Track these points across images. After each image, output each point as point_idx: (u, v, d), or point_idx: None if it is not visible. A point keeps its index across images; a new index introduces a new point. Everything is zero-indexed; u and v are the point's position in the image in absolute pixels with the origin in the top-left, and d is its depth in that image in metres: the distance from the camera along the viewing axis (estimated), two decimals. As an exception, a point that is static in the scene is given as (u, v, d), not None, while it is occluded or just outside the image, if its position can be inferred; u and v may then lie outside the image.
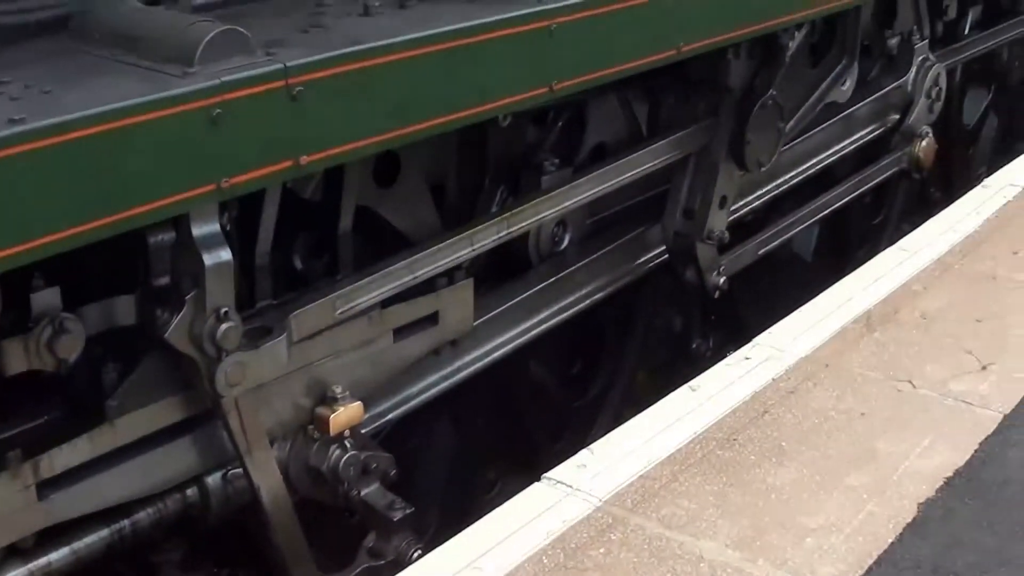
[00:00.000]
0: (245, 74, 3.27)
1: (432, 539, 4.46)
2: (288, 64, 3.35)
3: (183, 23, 3.39)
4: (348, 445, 4.09)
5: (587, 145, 5.53)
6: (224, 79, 3.22)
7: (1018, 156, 7.56)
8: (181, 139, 3.15)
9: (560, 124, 5.41)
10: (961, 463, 4.32)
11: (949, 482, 4.21)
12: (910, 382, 4.88)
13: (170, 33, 3.34)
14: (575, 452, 4.34)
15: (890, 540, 3.92)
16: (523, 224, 4.81)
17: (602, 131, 5.58)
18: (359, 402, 4.11)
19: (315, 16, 3.85)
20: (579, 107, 5.42)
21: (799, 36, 5.80)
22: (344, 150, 3.59)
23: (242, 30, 3.37)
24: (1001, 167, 7.39)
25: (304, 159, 3.46)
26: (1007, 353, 5.07)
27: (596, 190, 5.15)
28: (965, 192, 6.98)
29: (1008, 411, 4.66)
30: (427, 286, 4.45)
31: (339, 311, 4.09)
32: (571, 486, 4.07)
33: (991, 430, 4.54)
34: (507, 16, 3.97)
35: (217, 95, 3.19)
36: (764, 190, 6.38)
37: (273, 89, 3.33)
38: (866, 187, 7.27)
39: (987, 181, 7.02)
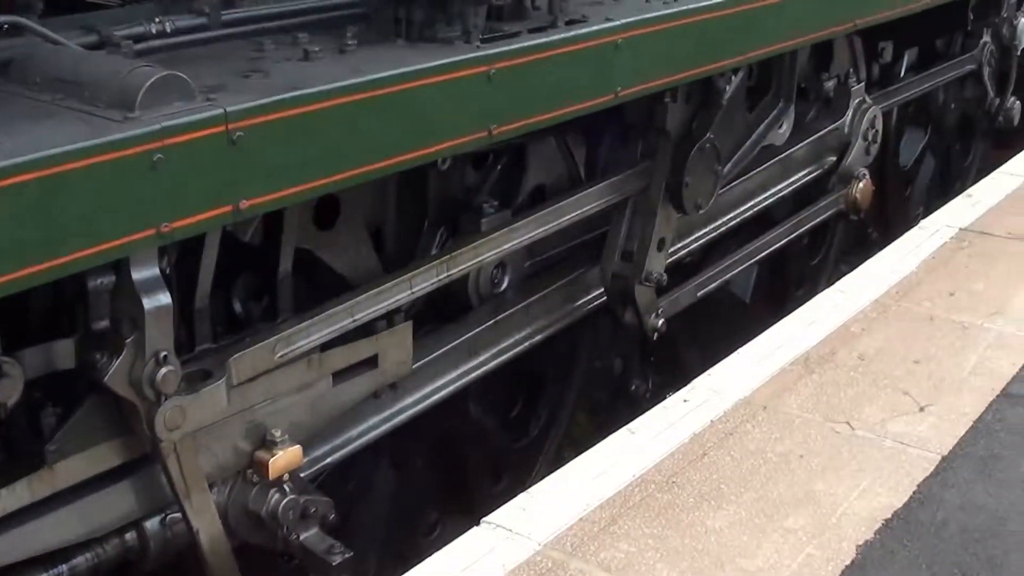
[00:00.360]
0: (185, 119, 3.27)
1: (372, 583, 4.47)
2: (228, 109, 3.36)
3: (124, 68, 3.39)
4: (287, 489, 4.07)
5: (526, 187, 5.55)
6: (164, 124, 3.22)
7: (955, 197, 7.68)
8: (121, 184, 3.15)
9: (499, 166, 5.44)
10: (899, 505, 4.36)
11: (887, 524, 4.25)
12: (848, 424, 4.92)
13: (111, 78, 3.34)
14: (516, 494, 4.36)
15: (829, 582, 3.96)
16: (462, 267, 4.82)
17: (541, 173, 5.61)
18: (298, 446, 4.10)
19: (255, 61, 3.87)
20: (518, 149, 5.44)
21: (736, 80, 5.87)
22: (284, 195, 3.60)
23: (183, 75, 3.38)
24: (938, 208, 7.50)
25: (244, 203, 3.46)
26: (944, 394, 5.12)
27: (535, 233, 5.17)
28: (903, 233, 7.07)
29: (946, 452, 4.70)
30: (366, 329, 4.45)
31: (278, 355, 4.08)
32: (511, 530, 4.09)
33: (929, 471, 4.58)
34: (446, 62, 4.00)
35: (157, 140, 3.20)
36: (702, 232, 6.43)
37: (213, 134, 3.33)
38: (804, 228, 7.34)
39: (924, 222, 7.12)
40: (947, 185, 9.94)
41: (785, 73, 6.54)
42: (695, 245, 6.41)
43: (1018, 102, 10.10)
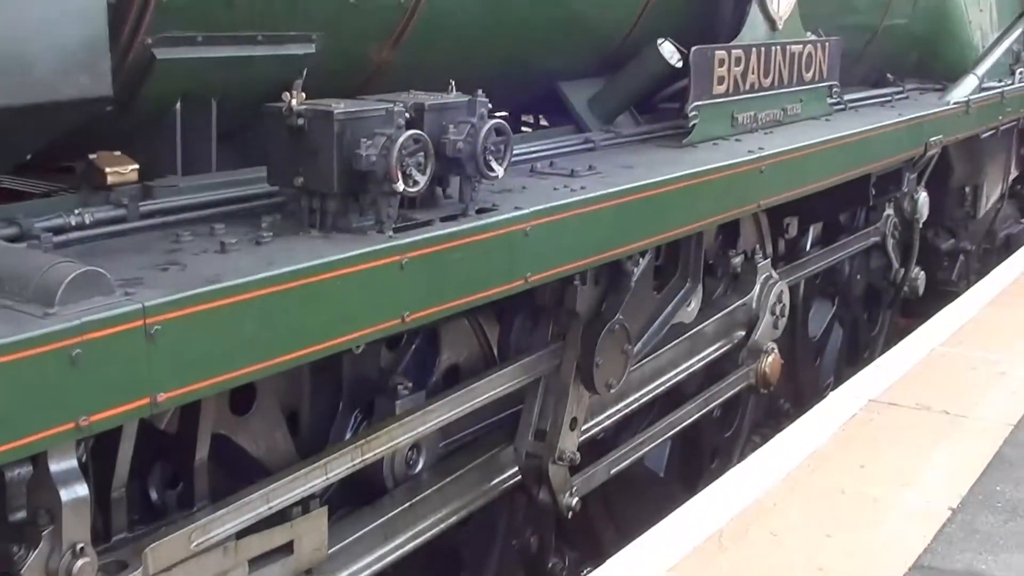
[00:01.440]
0: (104, 315, 3.32)
1: None
2: (146, 304, 3.42)
3: (44, 263, 3.43)
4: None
5: (440, 368, 5.64)
6: (83, 320, 3.27)
7: (864, 367, 7.83)
8: (40, 379, 3.18)
9: (413, 347, 5.52)
10: None
11: None
12: (762, 602, 4.96)
13: (31, 273, 3.38)
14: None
15: None
16: (377, 451, 4.86)
17: (455, 354, 5.71)
18: (214, 635, 4.10)
19: (173, 253, 3.94)
20: (432, 330, 5.54)
21: (644, 262, 6.02)
22: (201, 387, 3.64)
23: (101, 271, 3.43)
24: (848, 378, 7.63)
25: (161, 396, 3.50)
26: (858, 568, 5.17)
27: (449, 414, 5.24)
28: (814, 403, 7.19)
29: (860, 627, 4.75)
30: (282, 515, 4.47)
31: (194, 543, 4.08)
32: None
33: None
34: (360, 252, 4.09)
35: (76, 336, 3.24)
36: (614, 409, 6.51)
37: (131, 329, 3.38)
38: (715, 403, 7.45)
39: (834, 393, 7.23)
40: (856, 355, 10.15)
41: (692, 253, 6.71)
42: (608, 422, 6.49)
43: (922, 272, 10.40)
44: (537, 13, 6.09)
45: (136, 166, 4.35)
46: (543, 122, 7.55)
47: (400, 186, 4.21)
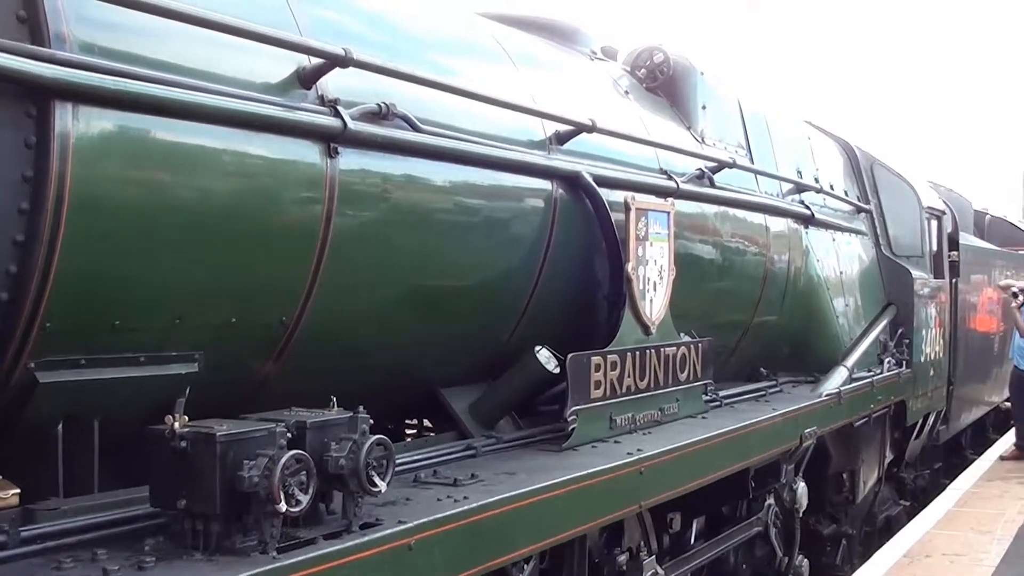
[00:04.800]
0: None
1: None
2: None
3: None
4: None
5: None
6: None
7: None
8: None
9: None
10: None
11: None
12: None
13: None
14: None
15: None
16: None
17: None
18: None
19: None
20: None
21: (528, 568, 6.04)
22: None
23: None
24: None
25: None
26: None
27: None
28: None
29: None
30: None
31: None
32: None
33: None
34: (243, 576, 4.11)
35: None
36: None
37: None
38: None
39: None
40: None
41: (576, 555, 6.73)
42: None
43: (806, 560, 10.51)
44: (417, 324, 6.25)
45: (17, 490, 4.36)
46: (427, 423, 7.64)
47: (283, 506, 4.24)
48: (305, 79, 5.34)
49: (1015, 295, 16.48)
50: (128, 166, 4.51)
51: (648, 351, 7.52)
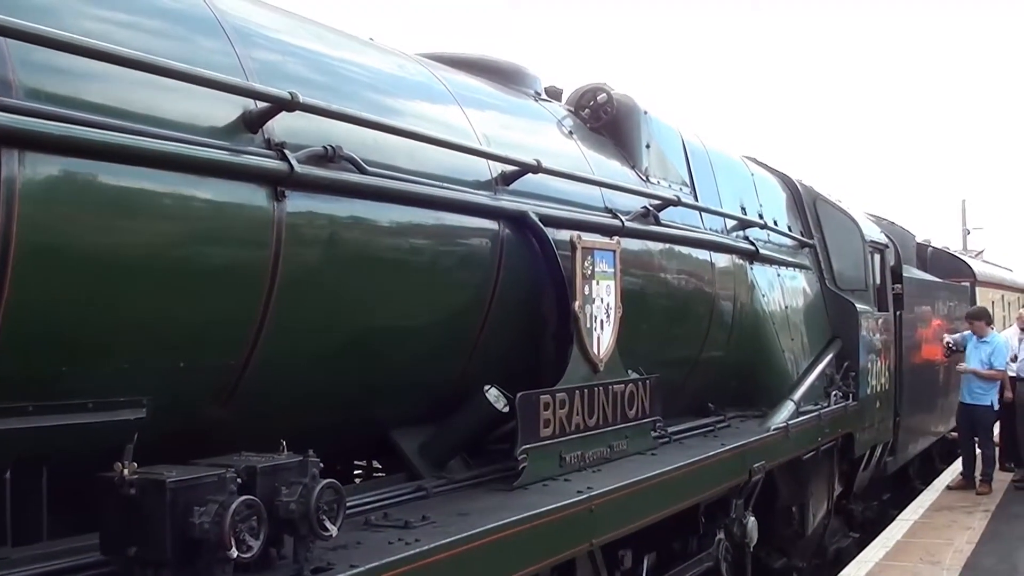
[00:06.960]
0: None
1: None
2: None
3: None
4: None
5: None
6: None
7: None
8: None
9: None
10: None
11: None
12: None
13: None
14: None
15: None
16: None
17: None
18: None
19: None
20: None
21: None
22: None
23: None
24: None
25: None
26: None
27: None
28: None
29: None
30: None
31: None
32: None
33: None
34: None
35: None
36: None
37: None
38: None
39: None
40: None
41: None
42: None
43: (757, 594, 10.53)
44: (366, 364, 6.24)
45: (-35, 540, 4.32)
46: (376, 464, 7.62)
47: (234, 552, 4.24)
48: (251, 123, 5.35)
49: (948, 347, 17.66)
50: (75, 211, 4.50)
51: (596, 389, 7.55)
